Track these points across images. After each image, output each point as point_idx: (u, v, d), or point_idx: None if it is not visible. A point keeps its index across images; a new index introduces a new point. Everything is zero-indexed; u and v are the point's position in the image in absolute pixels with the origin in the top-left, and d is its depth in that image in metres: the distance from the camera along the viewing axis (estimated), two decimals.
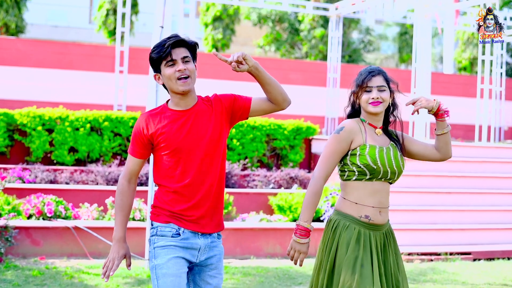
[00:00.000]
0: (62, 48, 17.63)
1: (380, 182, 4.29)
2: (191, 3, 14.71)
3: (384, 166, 4.24)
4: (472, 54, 25.06)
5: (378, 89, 4.30)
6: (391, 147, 4.35)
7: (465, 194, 11.70)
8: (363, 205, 4.25)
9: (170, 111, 4.06)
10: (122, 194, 4.10)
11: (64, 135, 11.33)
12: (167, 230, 3.99)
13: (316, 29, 23.43)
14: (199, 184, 4.01)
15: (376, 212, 4.26)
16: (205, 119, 4.05)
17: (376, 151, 4.24)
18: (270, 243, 9.91)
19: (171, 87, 4.01)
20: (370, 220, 4.24)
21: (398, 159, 4.32)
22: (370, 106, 4.29)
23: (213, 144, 4.04)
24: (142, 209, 9.67)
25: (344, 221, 4.25)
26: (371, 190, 4.26)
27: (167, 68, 3.99)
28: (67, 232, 9.08)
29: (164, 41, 4.00)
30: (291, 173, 11.72)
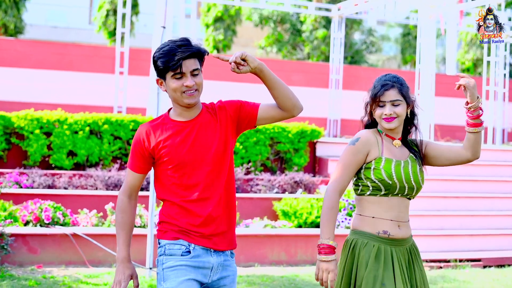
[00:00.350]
0: (61, 49, 17.44)
1: (397, 198, 4.00)
2: (192, 4, 14.50)
3: (400, 182, 3.96)
4: (476, 55, 24.88)
5: (392, 104, 4.00)
6: (410, 160, 4.06)
7: (474, 199, 11.47)
8: (380, 218, 3.97)
9: (172, 122, 3.76)
10: (123, 212, 3.84)
11: (62, 139, 11.04)
12: (176, 248, 3.70)
13: (318, 30, 23.24)
14: (206, 199, 3.71)
15: (394, 226, 3.97)
16: (210, 130, 3.75)
17: (392, 165, 3.96)
18: (275, 250, 9.64)
19: (176, 99, 3.71)
20: (390, 235, 3.96)
21: (417, 174, 4.03)
22: (384, 122, 4.02)
23: (219, 156, 3.74)
24: (142, 215, 9.40)
25: (362, 239, 3.97)
26: (387, 205, 3.98)
27: (174, 80, 3.66)
28: (65, 240, 8.80)
29: (173, 49, 3.63)
30: (295, 177, 11.45)
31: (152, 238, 8.13)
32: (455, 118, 20.98)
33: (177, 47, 3.63)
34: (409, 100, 4.07)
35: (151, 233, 8.14)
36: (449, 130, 20.57)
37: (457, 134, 20.63)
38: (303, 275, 8.90)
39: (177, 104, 3.74)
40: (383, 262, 3.90)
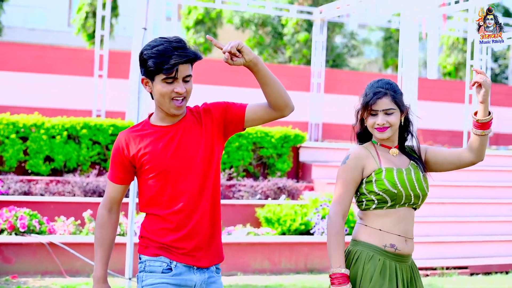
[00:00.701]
0: (39, 52, 17.22)
1: (404, 208, 3.75)
2: (173, 6, 14.28)
3: (405, 190, 3.70)
4: (457, 59, 24.89)
5: (384, 113, 3.75)
6: (412, 167, 3.81)
7: (460, 205, 11.34)
8: (388, 232, 3.72)
9: (153, 127, 3.48)
10: (102, 227, 3.57)
11: (39, 144, 10.74)
12: (156, 264, 3.45)
13: (300, 33, 23.11)
14: (191, 210, 3.44)
15: (402, 241, 3.72)
16: (195, 135, 3.46)
17: (394, 173, 3.71)
18: (258, 259, 9.41)
19: (162, 105, 3.42)
20: (397, 250, 3.70)
21: (421, 181, 3.77)
22: (376, 132, 3.77)
23: (205, 163, 3.46)
24: (121, 223, 9.14)
25: (367, 251, 3.70)
26: (395, 217, 3.73)
27: (164, 84, 3.36)
28: (42, 249, 8.53)
29: (169, 50, 3.33)
30: (278, 183, 11.22)
31: (131, 247, 7.87)
32: (438, 122, 20.91)
33: (173, 48, 3.34)
34: (403, 108, 3.82)
35: (131, 242, 7.88)
36: (431, 134, 20.50)
37: (440, 138, 20.56)
38: (287, 284, 8.68)
39: (160, 109, 3.47)
40: (388, 278, 3.66)
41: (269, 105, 3.55)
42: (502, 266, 10.26)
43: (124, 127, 11.25)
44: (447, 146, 18.08)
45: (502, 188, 12.07)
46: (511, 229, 11.26)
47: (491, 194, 11.88)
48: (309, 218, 10.09)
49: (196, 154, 3.44)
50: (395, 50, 26.29)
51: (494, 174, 12.47)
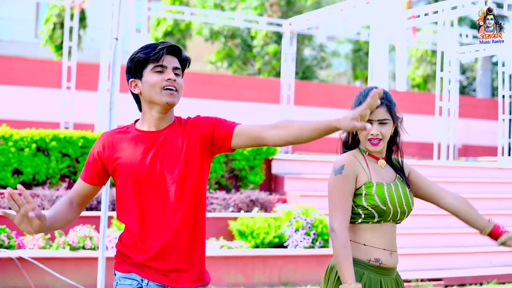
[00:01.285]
0: (5, 63, 17.10)
1: (389, 224, 3.67)
2: (142, 17, 14.21)
3: (394, 207, 3.62)
4: (426, 71, 25.08)
5: (379, 123, 3.65)
6: (399, 182, 3.73)
7: (432, 216, 11.34)
8: (373, 247, 3.62)
9: (136, 131, 3.31)
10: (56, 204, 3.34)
11: (7, 156, 10.53)
12: (127, 283, 3.27)
13: (269, 45, 23.18)
14: (163, 227, 3.22)
15: (387, 255, 3.64)
16: (175, 145, 3.25)
17: (384, 189, 3.61)
18: (231, 272, 9.29)
19: (153, 97, 3.25)
20: (382, 264, 3.62)
21: (407, 196, 3.71)
22: (369, 145, 3.66)
23: (182, 176, 3.21)
24: (93, 237, 8.96)
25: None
26: (380, 232, 3.64)
27: (154, 74, 3.25)
28: (11, 263, 8.33)
29: (155, 43, 3.29)
30: (251, 195, 11.12)
31: (103, 262, 7.70)
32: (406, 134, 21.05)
33: (159, 43, 3.30)
34: (395, 119, 3.74)
35: (103, 256, 7.71)
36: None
37: (409, 150, 20.66)
38: None
39: (150, 110, 3.29)
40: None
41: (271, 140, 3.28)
42: (476, 277, 10.23)
43: (95, 139, 11.07)
44: (417, 158, 18.14)
45: (473, 199, 12.07)
46: (484, 241, 11.23)
47: None
48: (283, 231, 10.00)
49: (173, 166, 3.23)
50: (364, 62, 26.45)
51: (465, 185, 12.51)
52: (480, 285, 10.06)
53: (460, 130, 20.93)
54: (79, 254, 8.67)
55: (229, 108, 18.62)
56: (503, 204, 12.34)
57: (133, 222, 3.25)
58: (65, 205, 3.33)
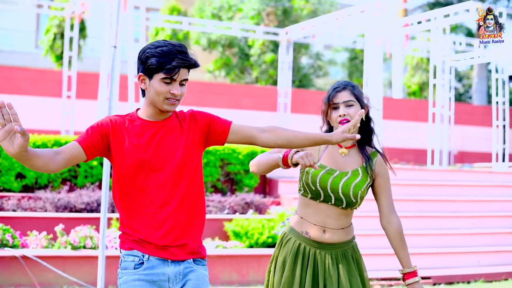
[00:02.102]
0: (7, 73, 17.34)
1: (326, 204, 4.07)
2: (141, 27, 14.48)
3: (324, 191, 4.02)
4: (421, 79, 25.30)
5: (345, 105, 4.05)
6: (352, 172, 4.07)
7: (422, 218, 11.62)
8: (306, 220, 4.09)
9: (140, 119, 3.59)
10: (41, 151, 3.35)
11: (10, 161, 10.89)
12: (129, 260, 3.54)
13: (266, 54, 23.43)
14: (161, 205, 3.53)
15: (319, 231, 4.06)
16: (176, 135, 3.58)
17: (321, 173, 4.02)
18: (226, 271, 9.63)
19: (155, 102, 3.53)
20: (310, 237, 4.06)
21: (349, 187, 4.04)
22: (340, 127, 3.96)
23: (182, 163, 3.55)
24: (93, 237, 9.30)
25: (290, 234, 4.13)
26: (314, 209, 4.08)
27: (162, 83, 3.48)
28: (15, 262, 8.67)
29: (173, 52, 3.46)
30: (246, 198, 11.46)
31: (103, 260, 8.03)
32: (403, 141, 21.28)
33: (176, 52, 3.47)
34: (363, 103, 4.12)
35: (103, 255, 8.05)
36: (397, 152, 20.86)
37: (405, 157, 20.93)
38: None
39: (151, 106, 3.59)
40: (300, 259, 4.04)
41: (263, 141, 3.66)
42: (465, 276, 10.50)
43: None
44: (412, 164, 18.42)
45: (463, 202, 12.39)
46: (473, 241, 11.58)
47: (453, 208, 12.20)
48: (276, 232, 10.33)
49: (174, 153, 3.55)
50: (360, 70, 26.68)
51: (456, 189, 12.80)
52: (468, 283, 10.36)
53: (456, 137, 21.16)
54: (80, 253, 9.02)
55: (227, 116, 18.75)
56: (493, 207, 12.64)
57: (133, 203, 3.54)
58: (50, 152, 3.37)
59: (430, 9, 28.40)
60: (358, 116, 3.51)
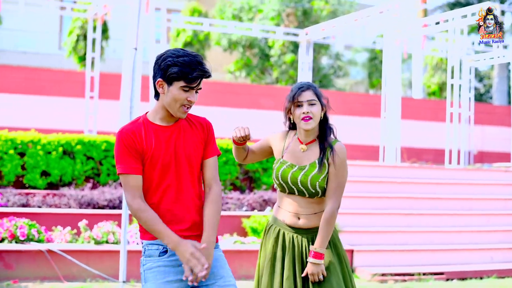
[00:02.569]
0: (31, 74, 17.59)
1: (293, 195, 4.48)
2: (162, 28, 14.77)
3: (286, 184, 4.45)
4: (441, 79, 25.31)
5: (308, 103, 4.41)
6: (309, 166, 4.43)
7: (437, 216, 11.79)
8: (282, 209, 4.52)
9: (154, 125, 3.89)
10: (146, 210, 3.78)
11: (36, 159, 11.24)
12: (153, 248, 3.86)
13: (287, 55, 23.58)
14: (181, 202, 3.87)
15: (294, 218, 4.48)
16: (188, 136, 3.92)
17: (282, 168, 4.46)
18: (244, 265, 9.88)
19: (171, 107, 3.83)
20: (287, 223, 4.48)
21: (307, 179, 4.40)
22: (302, 123, 4.42)
23: (195, 162, 3.93)
24: (115, 232, 9.60)
25: (272, 223, 4.60)
26: (288, 199, 4.49)
27: (181, 91, 3.79)
28: (41, 256, 8.99)
29: (194, 63, 3.78)
30: (264, 195, 11.72)
31: (125, 254, 8.34)
32: (422, 141, 21.36)
33: (197, 63, 3.78)
34: (323, 103, 4.48)
35: (124, 249, 8.35)
36: (415, 152, 20.94)
37: (424, 156, 21.00)
38: None
39: (164, 109, 3.88)
40: (280, 243, 4.47)
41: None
42: (477, 272, 10.69)
43: None
44: (430, 163, 18.53)
45: (479, 200, 12.55)
46: (486, 239, 11.75)
47: (465, 206, 12.35)
48: None
49: (187, 153, 3.89)
50: (380, 70, 26.72)
51: (472, 187, 12.93)
52: (481, 279, 10.56)
53: (476, 136, 21.21)
54: (103, 248, 9.34)
55: (247, 116, 19.08)
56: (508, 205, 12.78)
57: (155, 202, 3.86)
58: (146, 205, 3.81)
59: (450, 9, 28.45)
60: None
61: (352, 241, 10.75)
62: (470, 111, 18.28)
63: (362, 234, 10.93)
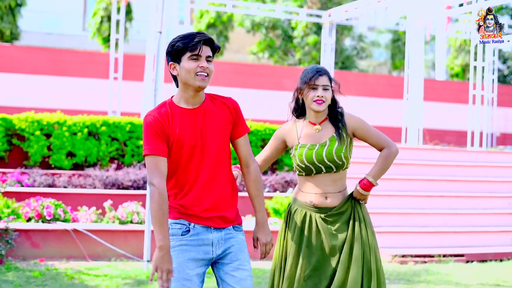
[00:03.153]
0: (56, 55, 17.76)
1: (321, 175, 4.56)
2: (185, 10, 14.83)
3: (313, 164, 4.51)
4: (464, 60, 25.25)
5: (323, 88, 4.51)
6: (329, 141, 4.53)
7: (458, 198, 11.84)
8: (307, 192, 4.57)
9: (180, 108, 3.98)
10: (164, 203, 3.82)
11: (62, 140, 11.42)
12: (177, 227, 3.96)
13: (309, 36, 23.60)
14: (207, 181, 3.97)
15: (321, 198, 4.54)
16: (214, 118, 4.01)
17: (304, 151, 4.53)
18: None
19: (188, 80, 3.93)
20: (315, 205, 4.53)
21: (331, 153, 4.50)
22: (315, 104, 4.51)
23: (221, 144, 4.02)
24: (140, 212, 9.77)
25: (296, 206, 4.61)
26: (313, 182, 4.55)
27: (190, 61, 3.92)
28: (66, 235, 9.18)
29: (193, 33, 3.94)
30: (286, 177, 11.84)
31: (149, 234, 8.50)
32: (445, 123, 21.35)
33: (195, 32, 3.95)
34: (333, 89, 4.60)
35: (148, 229, 8.51)
36: (437, 134, 20.95)
37: (446, 138, 21.00)
38: None
39: (185, 89, 3.98)
40: (307, 225, 4.52)
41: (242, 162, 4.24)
42: (497, 254, 10.74)
43: (141, 124, 11.89)
44: (453, 145, 18.56)
45: (500, 183, 12.57)
46: (506, 221, 11.79)
47: (486, 189, 12.37)
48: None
49: (214, 135, 3.99)
50: (403, 52, 26.67)
51: (493, 169, 12.95)
52: (501, 261, 10.62)
53: (499, 118, 21.18)
54: (127, 228, 9.51)
55: (269, 97, 19.15)
56: None
57: (181, 183, 3.98)
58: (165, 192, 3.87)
59: None
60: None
61: (373, 222, 10.80)
62: (493, 93, 18.27)
63: (383, 215, 11.01)
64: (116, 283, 7.83)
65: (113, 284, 7.76)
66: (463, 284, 8.75)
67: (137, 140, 11.88)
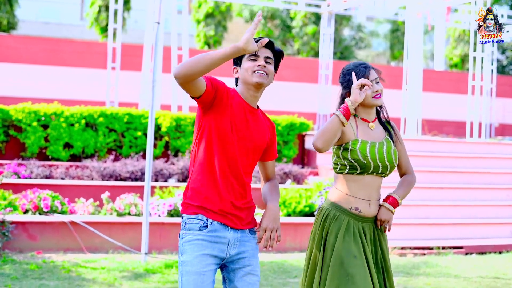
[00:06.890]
0: (53, 45, 17.70)
1: (372, 176, 4.39)
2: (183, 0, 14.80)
3: (374, 161, 4.34)
4: (463, 51, 25.21)
5: (376, 82, 4.42)
6: (385, 141, 4.43)
7: (457, 190, 11.80)
8: (353, 197, 4.35)
9: (240, 98, 4.07)
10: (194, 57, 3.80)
11: (59, 131, 11.36)
12: (194, 222, 3.95)
13: (308, 26, 23.55)
14: (232, 180, 3.97)
15: (366, 205, 4.36)
16: (261, 126, 4.10)
17: (367, 146, 4.34)
18: None
19: (246, 78, 4.03)
20: (360, 213, 4.35)
21: (390, 154, 4.41)
22: (375, 100, 4.40)
23: (259, 149, 4.08)
24: (137, 204, 9.72)
25: (334, 211, 4.37)
26: (362, 183, 4.37)
27: (249, 61, 4.05)
28: (64, 227, 9.13)
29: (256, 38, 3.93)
30: (285, 168, 11.79)
31: (147, 226, 8.46)
32: (443, 113, 21.31)
33: (257, 38, 3.93)
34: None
35: (146, 221, 8.47)
36: (436, 124, 20.92)
37: (445, 129, 20.98)
38: (291, 260, 9.25)
39: (246, 89, 4.07)
40: (352, 235, 4.29)
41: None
42: (497, 246, 10.74)
43: (139, 115, 11.85)
44: (452, 136, 18.51)
45: (498, 174, 12.53)
46: (505, 213, 11.76)
47: (485, 180, 12.33)
48: (313, 201, 10.65)
49: (256, 138, 4.05)
50: (402, 42, 26.62)
51: (492, 161, 12.91)
52: (500, 253, 10.60)
53: (498, 109, 21.13)
54: (125, 220, 9.46)
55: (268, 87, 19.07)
56: None
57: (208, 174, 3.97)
58: None
59: None
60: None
61: None
62: (492, 83, 18.19)
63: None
64: (114, 275, 7.78)
65: (110, 277, 7.72)
66: (462, 277, 8.73)
67: (134, 131, 11.83)
